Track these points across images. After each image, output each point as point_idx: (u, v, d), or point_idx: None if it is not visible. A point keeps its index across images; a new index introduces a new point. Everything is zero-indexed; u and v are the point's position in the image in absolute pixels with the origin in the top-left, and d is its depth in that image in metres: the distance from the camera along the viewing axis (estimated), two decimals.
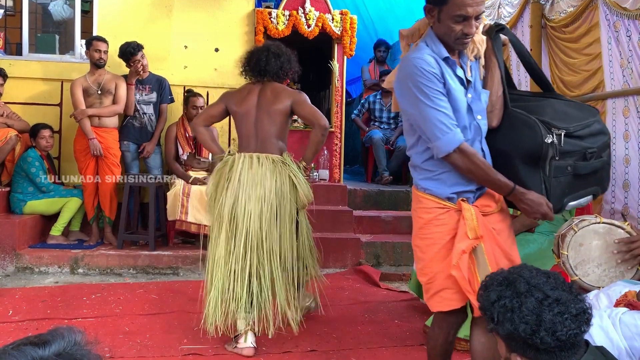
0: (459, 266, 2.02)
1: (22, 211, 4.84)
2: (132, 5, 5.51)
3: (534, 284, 1.42)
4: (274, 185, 2.99)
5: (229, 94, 3.32)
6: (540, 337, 1.36)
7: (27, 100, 5.33)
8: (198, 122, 3.26)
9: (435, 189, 2.17)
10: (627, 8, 3.27)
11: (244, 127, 3.17)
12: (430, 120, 2.02)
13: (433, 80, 2.01)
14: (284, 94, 3.18)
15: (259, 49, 3.30)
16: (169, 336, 3.11)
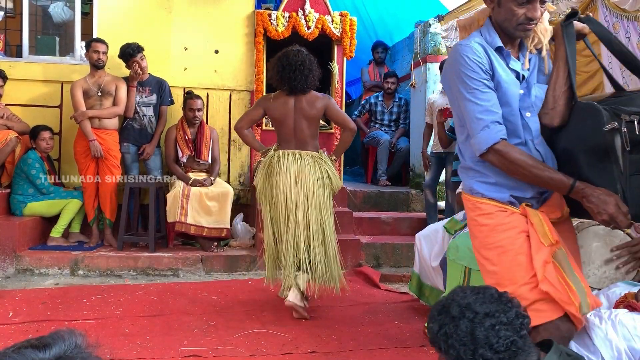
0: (547, 279, 1.78)
1: (22, 213, 4.84)
2: (132, 7, 5.52)
3: (464, 304, 1.44)
4: (314, 176, 3.59)
5: (266, 100, 3.76)
6: (480, 354, 1.37)
7: (27, 102, 5.33)
8: (242, 126, 3.74)
9: (493, 193, 1.95)
10: (626, 9, 3.27)
11: (283, 129, 3.69)
12: (469, 115, 1.88)
13: (477, 70, 1.86)
14: (318, 102, 3.68)
15: (289, 65, 3.61)
16: (169, 338, 3.11)
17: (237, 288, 4.25)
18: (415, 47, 6.64)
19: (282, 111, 3.66)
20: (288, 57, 3.66)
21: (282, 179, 3.56)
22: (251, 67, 5.72)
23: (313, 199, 3.57)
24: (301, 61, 3.63)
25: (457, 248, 3.22)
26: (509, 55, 1.94)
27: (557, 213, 1.95)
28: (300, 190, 3.54)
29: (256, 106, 3.80)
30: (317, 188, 3.58)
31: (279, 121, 3.70)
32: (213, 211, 4.95)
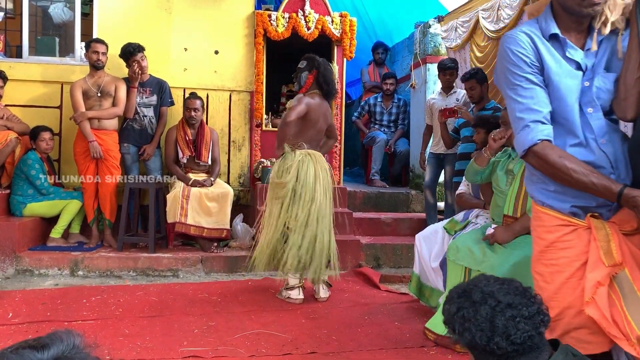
0: (595, 302, 1.60)
1: (22, 213, 4.84)
2: (132, 7, 5.52)
3: (487, 291, 1.44)
4: (325, 176, 3.91)
5: (308, 98, 3.98)
6: (496, 342, 1.38)
7: (27, 102, 5.33)
8: (293, 119, 3.85)
9: (554, 202, 1.76)
10: None
11: (312, 130, 3.97)
12: (511, 114, 1.74)
13: (519, 64, 1.71)
14: (330, 111, 4.19)
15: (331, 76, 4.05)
16: (169, 338, 3.11)
17: (236, 289, 4.25)
18: (415, 48, 6.64)
19: (318, 112, 3.97)
20: (330, 69, 4.07)
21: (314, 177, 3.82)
22: (251, 67, 5.72)
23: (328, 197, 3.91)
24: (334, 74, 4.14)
25: (457, 249, 3.22)
26: (567, 43, 1.74)
27: (633, 224, 1.68)
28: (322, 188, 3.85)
29: (300, 102, 3.93)
30: (326, 182, 3.91)
31: (313, 121, 3.94)
32: (213, 212, 4.95)
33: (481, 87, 4.57)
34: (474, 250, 3.13)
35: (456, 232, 3.58)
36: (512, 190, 3.17)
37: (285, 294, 3.94)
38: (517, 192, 3.14)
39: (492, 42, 4.91)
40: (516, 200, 3.13)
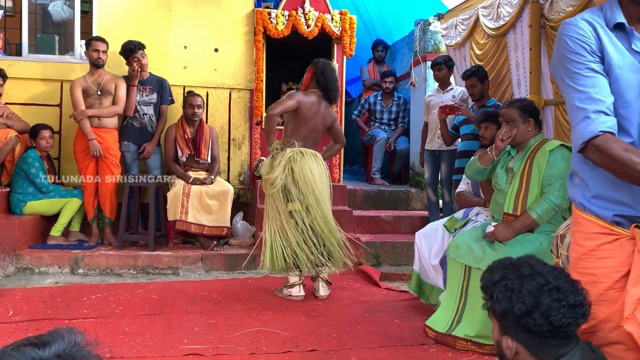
0: (636, 318, 1.49)
1: (22, 212, 4.84)
2: (131, 5, 5.51)
3: (537, 270, 1.46)
4: (322, 174, 3.93)
5: (302, 96, 3.99)
6: (534, 318, 1.39)
7: (26, 100, 5.33)
8: (276, 113, 3.86)
9: (594, 207, 1.64)
10: None
11: (305, 128, 3.97)
12: (569, 104, 1.62)
13: (579, 51, 1.58)
14: (331, 115, 4.15)
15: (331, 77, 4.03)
16: (169, 336, 3.11)
17: (237, 286, 4.25)
18: (415, 46, 6.64)
19: (313, 110, 3.96)
20: (332, 69, 4.08)
21: (307, 175, 3.81)
22: (251, 65, 5.72)
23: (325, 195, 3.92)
24: (337, 77, 4.14)
25: (457, 246, 3.22)
26: (635, 35, 1.60)
27: None
28: (318, 186, 3.85)
29: (291, 98, 3.99)
30: (325, 182, 3.94)
31: (305, 118, 3.94)
32: (213, 209, 4.95)
33: (482, 84, 4.56)
34: (473, 248, 3.14)
35: (456, 230, 3.59)
36: (512, 189, 3.17)
37: (286, 292, 3.94)
38: (517, 190, 3.14)
39: (491, 39, 4.91)
40: (516, 198, 3.13)
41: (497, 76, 4.88)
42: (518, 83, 4.60)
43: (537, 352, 1.43)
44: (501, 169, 3.31)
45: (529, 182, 3.10)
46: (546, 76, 4.22)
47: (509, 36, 4.65)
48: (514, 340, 1.45)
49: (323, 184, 3.90)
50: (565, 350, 1.42)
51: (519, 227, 3.08)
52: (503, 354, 1.49)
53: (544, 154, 3.08)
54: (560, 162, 3.05)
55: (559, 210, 3.04)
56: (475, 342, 2.99)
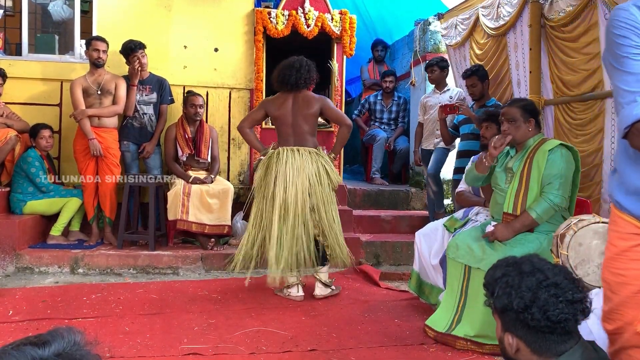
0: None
1: (22, 211, 4.84)
2: (131, 5, 5.51)
3: (538, 266, 1.48)
4: (312, 171, 3.82)
5: (267, 101, 4.10)
6: (532, 313, 1.41)
7: (26, 100, 5.33)
8: (245, 125, 4.03)
9: (631, 204, 1.59)
10: None
11: (283, 127, 3.96)
12: (615, 88, 1.57)
13: (628, 35, 1.54)
14: (314, 101, 3.97)
15: (285, 66, 3.97)
16: (169, 336, 3.11)
17: (236, 286, 4.25)
18: (415, 46, 6.64)
19: (282, 110, 3.95)
20: (288, 61, 4.00)
21: (282, 173, 3.78)
22: (251, 65, 5.72)
23: (313, 193, 3.80)
24: (298, 62, 3.96)
25: (457, 246, 3.22)
26: None
27: None
28: (299, 185, 3.75)
29: (258, 108, 4.12)
30: (315, 182, 3.80)
31: (279, 120, 3.97)
32: (214, 208, 4.95)
33: (482, 84, 4.56)
34: (473, 248, 3.14)
35: (456, 230, 3.59)
36: (511, 188, 3.17)
37: (285, 292, 3.95)
38: (516, 190, 3.14)
39: (491, 39, 4.91)
40: (516, 198, 3.13)
41: (497, 76, 4.88)
42: (518, 83, 4.60)
43: (537, 349, 1.44)
44: (500, 169, 3.32)
45: (529, 181, 3.10)
46: (546, 76, 4.22)
47: (509, 36, 4.65)
48: (515, 337, 1.47)
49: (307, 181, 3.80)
50: (565, 347, 1.43)
51: (519, 226, 3.08)
52: (505, 350, 1.50)
53: (543, 153, 3.09)
54: (559, 161, 3.05)
55: (558, 210, 3.05)
56: (475, 342, 2.99)
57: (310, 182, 3.80)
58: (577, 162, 3.14)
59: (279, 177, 3.78)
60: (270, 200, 3.82)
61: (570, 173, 3.09)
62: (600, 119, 3.63)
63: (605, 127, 3.59)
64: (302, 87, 3.98)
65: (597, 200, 3.62)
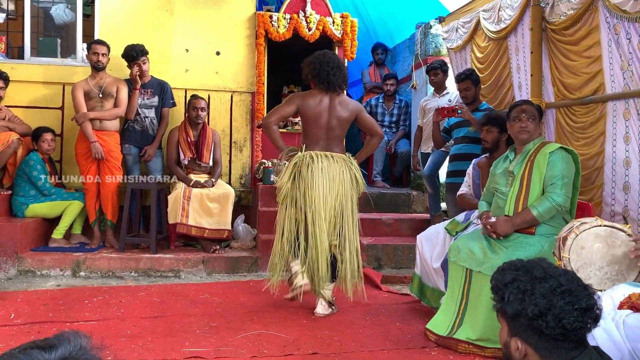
0: None
1: (24, 214, 4.85)
2: (133, 9, 5.53)
3: (550, 272, 1.46)
4: (345, 178, 3.61)
5: (301, 97, 3.71)
6: (546, 320, 1.39)
7: (28, 103, 5.35)
8: (271, 121, 3.64)
9: None
10: (627, 11, 3.28)
11: (314, 129, 3.65)
12: None
13: None
14: (351, 106, 3.74)
15: (325, 61, 3.66)
16: (170, 339, 3.11)
17: (238, 289, 4.25)
18: (416, 49, 6.65)
19: (317, 109, 3.64)
20: (326, 55, 3.70)
21: (316, 179, 3.51)
22: (252, 68, 5.73)
23: (346, 202, 3.59)
24: (338, 61, 3.73)
25: (459, 250, 3.22)
26: None
27: None
28: (334, 194, 3.54)
29: (289, 102, 3.71)
30: (347, 191, 3.60)
31: (311, 119, 3.65)
32: (214, 212, 4.96)
33: (475, 88, 4.55)
34: (475, 251, 3.14)
35: (457, 233, 3.59)
36: (512, 192, 3.18)
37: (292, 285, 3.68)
38: (517, 193, 3.15)
39: (492, 42, 4.91)
40: (517, 201, 3.14)
41: (497, 79, 4.89)
42: (519, 86, 4.60)
43: (547, 355, 1.42)
44: (500, 173, 3.32)
45: (530, 184, 3.11)
46: (547, 79, 4.23)
47: (510, 39, 4.65)
48: (524, 343, 1.44)
49: (338, 190, 3.55)
50: (575, 353, 1.41)
51: (519, 222, 3.08)
52: (511, 355, 1.48)
53: (544, 156, 3.09)
54: (560, 162, 3.06)
55: (560, 210, 3.05)
56: (477, 345, 2.99)
57: (342, 191, 3.58)
58: (577, 164, 3.15)
59: (315, 184, 3.49)
60: (301, 207, 3.54)
61: (571, 175, 3.10)
62: (602, 122, 3.63)
63: (607, 131, 3.59)
64: (342, 90, 3.73)
65: (598, 203, 3.62)
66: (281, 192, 3.58)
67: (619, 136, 3.48)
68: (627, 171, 3.42)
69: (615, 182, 3.51)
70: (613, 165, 3.53)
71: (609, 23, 3.49)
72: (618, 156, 3.48)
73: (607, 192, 3.58)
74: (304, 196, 3.50)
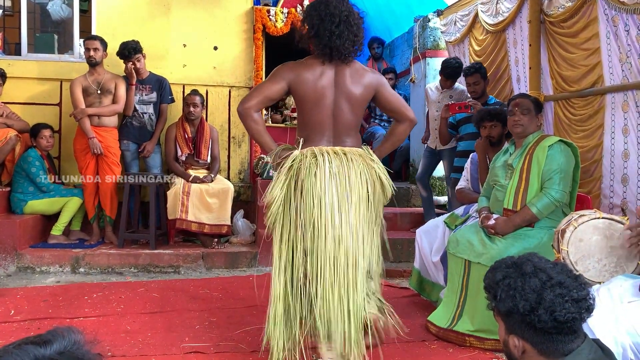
0: None
1: (23, 211, 4.84)
2: (130, 4, 5.51)
3: (540, 267, 1.46)
4: (364, 184, 2.48)
5: (292, 68, 2.53)
6: (538, 315, 1.39)
7: (26, 100, 5.33)
8: (250, 106, 2.47)
9: None
10: (625, 2, 3.26)
11: (316, 114, 2.51)
12: None
13: None
14: (367, 78, 2.56)
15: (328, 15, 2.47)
16: (170, 334, 3.12)
17: (238, 284, 4.25)
18: (415, 42, 6.63)
19: (317, 85, 2.50)
20: (329, 5, 2.49)
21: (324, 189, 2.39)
22: (250, 63, 5.72)
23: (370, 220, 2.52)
24: (348, 13, 2.51)
25: (457, 241, 3.23)
26: None
27: None
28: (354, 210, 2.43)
29: (275, 77, 2.53)
30: (366, 202, 2.49)
31: (310, 100, 2.51)
32: (214, 208, 4.95)
33: (484, 81, 4.49)
34: (473, 243, 3.14)
35: (457, 227, 3.59)
36: (511, 184, 3.17)
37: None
38: (516, 186, 3.15)
39: (490, 35, 4.90)
40: (516, 194, 3.14)
41: (496, 72, 4.87)
42: (518, 79, 4.59)
43: (544, 349, 1.42)
44: (500, 166, 3.32)
45: (529, 177, 3.11)
46: (546, 72, 4.22)
47: (508, 32, 4.64)
48: (521, 339, 1.44)
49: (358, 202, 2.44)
50: (572, 346, 1.41)
51: (519, 221, 3.08)
52: (511, 353, 1.48)
53: (542, 149, 3.09)
54: (559, 156, 3.06)
55: (559, 205, 3.05)
56: (477, 337, 3.00)
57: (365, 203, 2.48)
58: (576, 157, 3.14)
59: (323, 197, 2.38)
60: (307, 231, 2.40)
61: (570, 168, 3.10)
62: (600, 114, 3.63)
63: (605, 123, 3.58)
64: (353, 56, 2.57)
65: (597, 195, 3.62)
66: (271, 214, 2.46)
67: (617, 128, 3.48)
68: (626, 163, 3.42)
69: (614, 175, 3.51)
70: (612, 158, 3.53)
71: (607, 15, 3.48)
72: (617, 148, 3.48)
73: (605, 185, 3.58)
74: (305, 219, 2.40)
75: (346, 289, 2.39)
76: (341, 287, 2.38)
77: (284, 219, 2.47)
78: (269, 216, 2.47)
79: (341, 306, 2.38)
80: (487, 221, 3.20)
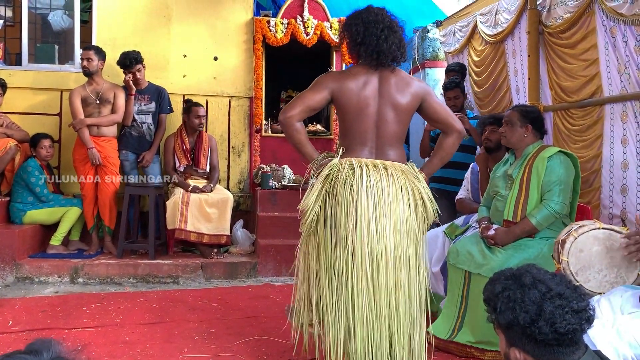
0: None
1: (22, 221, 4.84)
2: (131, 14, 5.53)
3: (539, 278, 1.46)
4: (406, 203, 2.35)
5: (334, 77, 2.49)
6: (539, 327, 1.38)
7: (26, 110, 5.34)
8: (293, 115, 2.40)
9: None
10: (623, 14, 3.28)
11: (358, 124, 2.44)
12: None
13: None
14: (414, 87, 2.47)
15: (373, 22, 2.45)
16: (169, 345, 3.10)
17: (237, 295, 4.24)
18: (414, 53, 6.66)
19: (360, 94, 2.43)
20: (370, 12, 2.48)
21: (365, 205, 2.28)
22: (250, 73, 5.74)
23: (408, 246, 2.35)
24: (390, 21, 2.49)
25: (457, 252, 3.22)
26: None
27: None
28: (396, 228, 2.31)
29: (318, 86, 2.47)
30: (412, 223, 2.36)
31: (353, 110, 2.44)
32: (213, 218, 4.95)
33: (463, 96, 4.54)
34: (473, 254, 3.13)
35: (456, 237, 3.58)
36: (511, 195, 3.17)
37: None
38: (516, 197, 3.14)
39: (489, 46, 4.92)
40: (516, 205, 3.13)
41: (495, 83, 4.89)
42: (517, 89, 4.61)
43: None
44: (500, 176, 3.32)
45: (529, 188, 3.10)
46: (545, 82, 4.24)
47: (507, 43, 4.66)
48: (522, 352, 1.43)
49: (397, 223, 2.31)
50: (574, 357, 1.41)
51: (519, 232, 3.08)
52: None
53: (542, 160, 3.09)
54: (558, 167, 3.06)
55: (558, 217, 3.05)
56: (478, 348, 2.98)
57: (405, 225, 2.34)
58: (576, 168, 3.14)
59: (359, 210, 2.28)
60: (342, 248, 2.28)
61: (570, 179, 3.10)
62: (599, 125, 3.64)
63: (604, 133, 3.59)
64: (399, 63, 2.51)
65: (596, 206, 3.62)
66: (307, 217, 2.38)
67: (616, 139, 3.48)
68: (625, 173, 3.42)
69: (613, 185, 3.51)
70: (611, 168, 3.53)
71: (606, 26, 3.50)
72: (616, 159, 3.48)
73: (605, 195, 3.58)
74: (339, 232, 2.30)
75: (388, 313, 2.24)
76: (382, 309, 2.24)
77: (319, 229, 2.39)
78: (304, 219, 2.40)
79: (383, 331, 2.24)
80: (487, 231, 3.19)
